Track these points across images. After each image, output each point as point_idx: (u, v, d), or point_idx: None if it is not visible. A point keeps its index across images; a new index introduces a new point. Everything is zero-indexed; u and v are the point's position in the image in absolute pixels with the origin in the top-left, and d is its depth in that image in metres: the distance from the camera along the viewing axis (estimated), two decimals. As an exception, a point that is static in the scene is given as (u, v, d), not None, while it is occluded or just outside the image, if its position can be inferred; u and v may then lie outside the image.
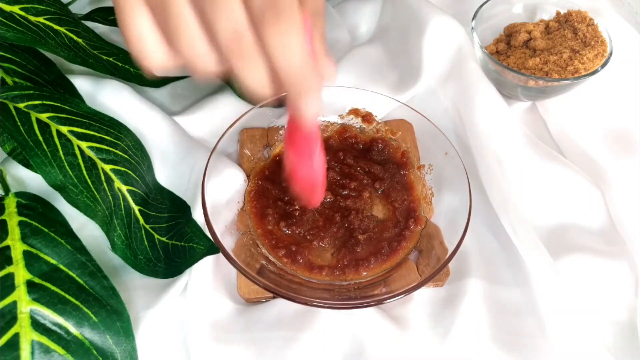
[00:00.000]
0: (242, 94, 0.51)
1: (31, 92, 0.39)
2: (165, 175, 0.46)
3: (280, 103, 0.48)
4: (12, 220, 0.34)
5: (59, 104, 0.40)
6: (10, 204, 0.35)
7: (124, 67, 0.48)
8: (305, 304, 0.36)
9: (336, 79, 0.29)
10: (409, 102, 0.52)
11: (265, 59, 0.25)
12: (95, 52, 0.47)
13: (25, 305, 0.31)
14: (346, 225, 0.43)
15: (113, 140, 0.41)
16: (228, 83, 0.51)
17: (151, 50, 0.27)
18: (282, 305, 0.39)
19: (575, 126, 0.52)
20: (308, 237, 0.42)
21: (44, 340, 0.30)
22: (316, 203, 0.40)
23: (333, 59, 0.28)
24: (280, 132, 0.49)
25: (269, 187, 0.45)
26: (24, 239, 0.33)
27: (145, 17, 0.26)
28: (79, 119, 0.40)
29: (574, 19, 0.53)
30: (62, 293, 0.32)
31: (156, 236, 0.40)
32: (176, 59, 0.27)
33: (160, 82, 0.51)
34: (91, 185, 0.38)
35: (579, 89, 0.52)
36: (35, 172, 0.37)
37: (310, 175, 0.38)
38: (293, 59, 0.25)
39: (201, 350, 0.37)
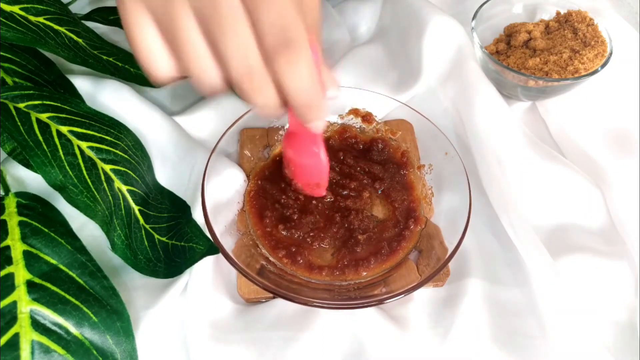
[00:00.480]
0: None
1: (31, 92, 0.39)
2: (165, 175, 0.46)
3: None
4: (12, 220, 0.34)
5: (59, 104, 0.40)
6: (10, 204, 0.35)
7: (124, 67, 0.48)
8: (305, 304, 0.36)
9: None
10: (409, 102, 0.52)
11: (275, 83, 0.27)
12: (95, 52, 0.47)
13: (25, 305, 0.31)
14: (346, 226, 0.43)
15: (113, 140, 0.41)
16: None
17: (159, 62, 0.28)
18: (282, 305, 0.39)
19: (575, 126, 0.52)
20: (307, 239, 0.42)
21: (44, 340, 0.30)
22: (320, 193, 0.42)
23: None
24: (280, 132, 0.49)
25: (269, 187, 0.45)
26: (24, 239, 0.33)
27: (151, 29, 0.27)
28: (79, 119, 0.40)
29: (574, 19, 0.53)
30: (62, 293, 0.32)
31: (156, 236, 0.40)
32: (183, 70, 0.28)
33: (161, 82, 0.51)
34: (91, 185, 0.38)
35: (579, 89, 0.52)
36: (35, 172, 0.37)
37: (313, 171, 0.39)
38: (304, 87, 0.26)
39: (201, 351, 0.37)
